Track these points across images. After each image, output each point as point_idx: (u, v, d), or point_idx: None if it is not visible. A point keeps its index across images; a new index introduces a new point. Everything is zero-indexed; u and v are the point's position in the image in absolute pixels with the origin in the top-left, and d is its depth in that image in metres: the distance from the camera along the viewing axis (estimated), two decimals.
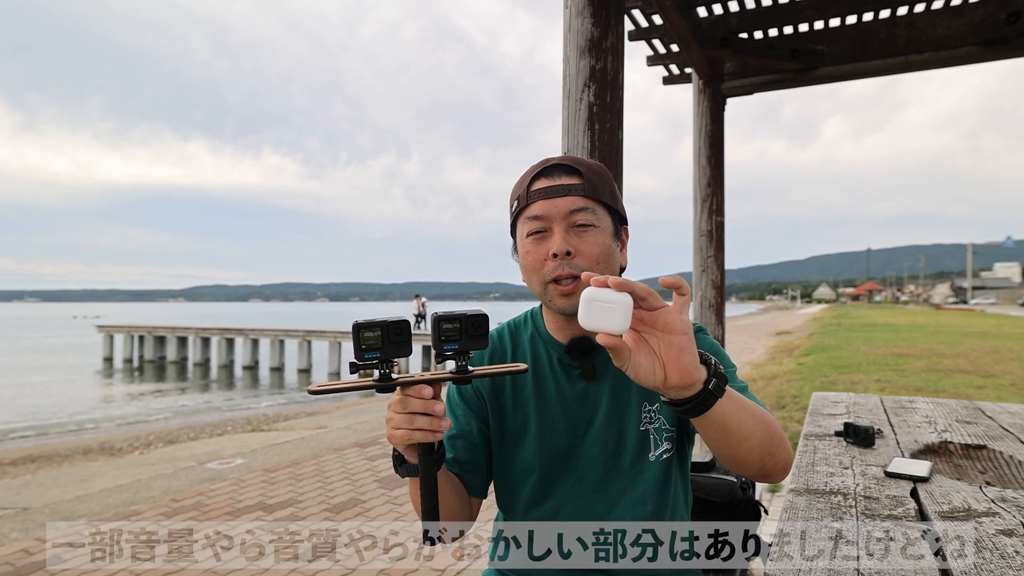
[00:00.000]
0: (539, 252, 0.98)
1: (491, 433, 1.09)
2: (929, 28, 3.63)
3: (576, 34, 2.11)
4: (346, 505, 3.71)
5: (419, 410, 0.79)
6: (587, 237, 0.96)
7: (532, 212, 0.98)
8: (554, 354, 1.07)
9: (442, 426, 0.80)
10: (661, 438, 1.04)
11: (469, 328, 0.79)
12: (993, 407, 2.21)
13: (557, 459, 1.05)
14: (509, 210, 1.06)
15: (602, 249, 0.97)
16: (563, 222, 0.96)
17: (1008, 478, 1.49)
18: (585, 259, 0.96)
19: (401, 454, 0.88)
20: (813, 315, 41.65)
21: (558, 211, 0.96)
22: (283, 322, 29.92)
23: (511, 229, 1.06)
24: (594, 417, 1.04)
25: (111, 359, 23.76)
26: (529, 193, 0.99)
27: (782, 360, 11.95)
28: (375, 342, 0.75)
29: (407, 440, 0.80)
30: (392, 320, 0.76)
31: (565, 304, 0.97)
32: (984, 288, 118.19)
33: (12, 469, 6.80)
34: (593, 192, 0.98)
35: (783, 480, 0.96)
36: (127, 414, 12.64)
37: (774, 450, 0.86)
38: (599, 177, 1.00)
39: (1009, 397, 6.86)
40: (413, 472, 0.87)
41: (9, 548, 3.11)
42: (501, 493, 1.11)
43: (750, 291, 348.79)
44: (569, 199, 0.96)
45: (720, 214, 4.28)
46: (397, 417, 0.80)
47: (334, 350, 18.87)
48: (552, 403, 1.05)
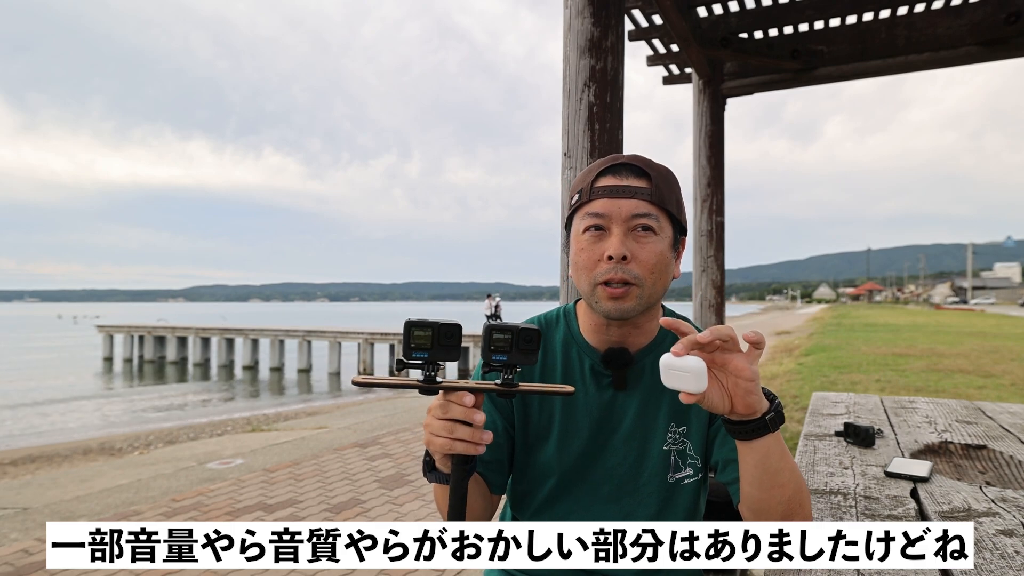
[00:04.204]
0: (594, 251, 0.94)
1: (515, 432, 1.07)
2: (929, 28, 3.63)
3: (576, 34, 2.11)
4: (346, 505, 3.71)
5: (459, 417, 0.77)
6: (646, 244, 0.93)
7: (593, 209, 0.94)
8: (587, 360, 1.04)
9: (483, 439, 0.79)
10: (684, 463, 1.02)
11: (521, 342, 0.77)
12: (993, 407, 2.21)
13: (575, 465, 1.03)
14: (568, 202, 1.01)
15: (659, 259, 0.94)
16: (624, 225, 0.93)
17: (1008, 478, 1.49)
18: (640, 266, 0.93)
19: (432, 460, 0.87)
20: (813, 315, 41.63)
21: (620, 213, 0.92)
22: (283, 322, 29.91)
23: (566, 222, 1.02)
24: (617, 428, 1.02)
25: (111, 359, 23.76)
26: (593, 189, 0.95)
27: (782, 360, 11.94)
28: (425, 342, 0.74)
29: (447, 449, 0.78)
30: (445, 323, 0.74)
31: (611, 307, 0.94)
32: (984, 288, 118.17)
33: (12, 469, 6.80)
34: (660, 199, 0.94)
35: None
36: (127, 414, 12.64)
37: (799, 518, 0.87)
38: (667, 183, 0.96)
39: (1009, 397, 6.86)
40: (443, 480, 0.86)
41: (9, 548, 3.11)
42: (515, 492, 1.10)
43: (750, 291, 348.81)
44: (634, 202, 0.93)
45: (720, 214, 4.28)
46: (436, 423, 0.79)
47: (334, 350, 18.86)
48: (578, 409, 1.03)
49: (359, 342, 18.70)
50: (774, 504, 0.85)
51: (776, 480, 0.83)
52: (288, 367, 20.06)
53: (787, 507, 0.86)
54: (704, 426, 1.04)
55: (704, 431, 1.04)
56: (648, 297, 0.94)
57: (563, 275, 2.15)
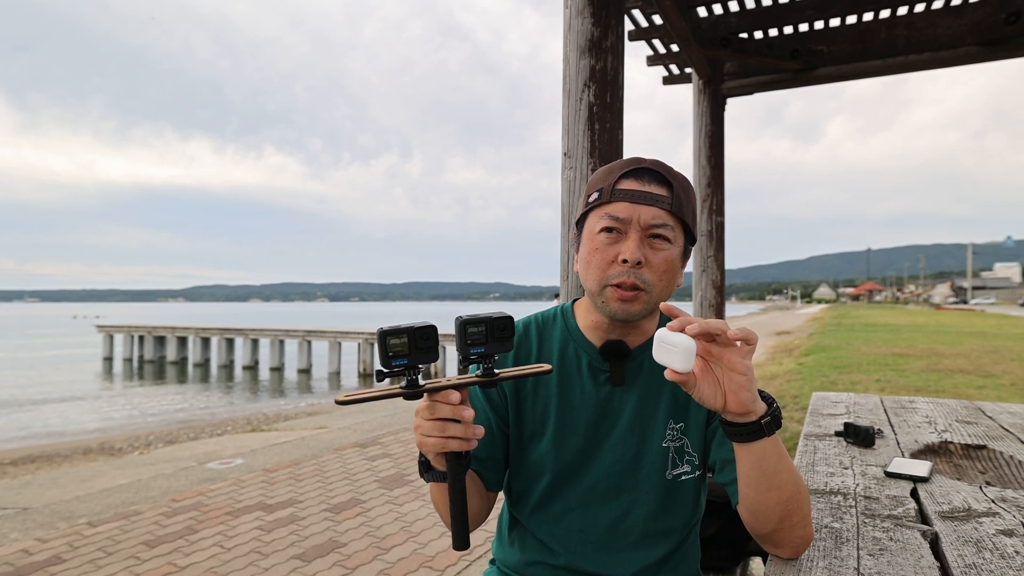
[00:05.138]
0: (609, 252, 0.95)
1: (509, 429, 1.07)
2: (929, 28, 3.63)
3: (576, 34, 2.11)
4: (346, 505, 3.71)
5: (448, 416, 0.79)
6: (660, 252, 0.95)
7: (614, 211, 0.95)
8: (584, 356, 1.05)
9: (475, 433, 0.80)
10: (682, 459, 1.03)
11: (495, 331, 0.79)
12: (993, 407, 2.21)
13: (572, 462, 1.03)
14: (584, 199, 1.02)
15: (669, 267, 0.96)
16: (641, 231, 0.94)
17: (1008, 478, 1.49)
18: (652, 273, 0.95)
19: (427, 460, 0.89)
20: (813, 315, 41.64)
21: (640, 219, 0.94)
22: (283, 322, 29.90)
23: (579, 218, 1.03)
24: (615, 424, 1.03)
25: (111, 359, 23.77)
26: (614, 190, 0.96)
27: (782, 360, 11.95)
28: (402, 349, 0.75)
29: (441, 448, 0.80)
30: (418, 326, 0.75)
31: (618, 309, 0.96)
32: (984, 288, 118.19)
33: (12, 469, 6.80)
34: (679, 209, 0.96)
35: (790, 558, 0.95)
36: (127, 414, 12.63)
37: (795, 521, 0.88)
38: (686, 194, 0.98)
39: (1009, 397, 6.86)
40: (440, 478, 0.88)
41: (9, 548, 3.11)
42: (512, 489, 1.10)
43: (750, 291, 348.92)
44: (654, 210, 0.94)
45: (720, 214, 4.28)
46: (426, 424, 0.80)
47: (334, 350, 18.86)
48: (575, 405, 1.03)
49: (359, 342, 18.70)
50: (772, 505, 0.87)
51: (773, 482, 0.85)
52: (288, 367, 20.07)
53: (785, 508, 0.87)
54: (702, 424, 1.04)
55: (702, 429, 1.04)
56: (654, 302, 0.97)
57: (563, 275, 2.15)
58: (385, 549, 3.04)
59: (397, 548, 3.05)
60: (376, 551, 3.02)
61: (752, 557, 1.61)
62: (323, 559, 2.92)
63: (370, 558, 2.93)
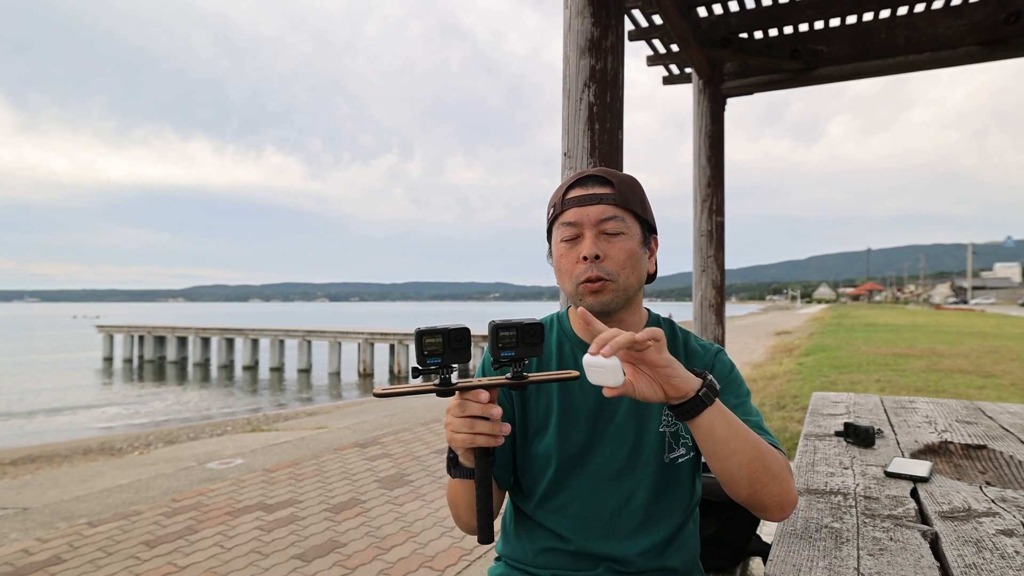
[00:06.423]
0: (571, 255, 1.05)
1: (514, 426, 1.12)
2: (929, 28, 3.63)
3: (576, 34, 2.11)
4: (346, 505, 3.71)
5: (477, 414, 0.84)
6: (616, 243, 1.03)
7: (566, 218, 1.05)
8: (579, 353, 1.11)
9: (503, 431, 0.86)
10: (677, 443, 1.08)
11: (525, 336, 0.85)
12: (993, 407, 2.21)
13: (575, 453, 1.08)
14: (547, 217, 1.13)
15: (628, 255, 1.04)
16: (594, 228, 1.03)
17: (1008, 478, 1.49)
18: (613, 263, 1.03)
19: (455, 456, 0.95)
20: (813, 315, 41.64)
21: (589, 218, 1.03)
22: (283, 322, 29.89)
23: (547, 234, 1.13)
24: (614, 414, 1.08)
25: (111, 359, 23.76)
26: (564, 201, 1.06)
27: (782, 360, 11.95)
28: (436, 348, 0.80)
29: (469, 444, 0.86)
30: (453, 327, 0.80)
31: (593, 301, 1.03)
32: (984, 288, 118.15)
33: (12, 469, 6.80)
34: (623, 201, 1.04)
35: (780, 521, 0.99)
36: (126, 414, 12.63)
37: (766, 480, 0.91)
38: (630, 188, 1.06)
39: (1009, 397, 6.86)
40: (467, 474, 0.94)
41: (9, 548, 3.11)
42: (517, 484, 1.14)
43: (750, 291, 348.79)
44: (600, 207, 1.03)
45: (720, 214, 4.28)
46: (456, 421, 0.86)
47: (334, 350, 18.86)
48: (574, 398, 1.09)
49: (359, 342, 18.69)
50: (735, 470, 0.90)
51: (728, 448, 0.89)
52: (288, 367, 20.06)
53: (749, 470, 0.90)
54: None
55: None
56: (624, 290, 1.04)
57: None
58: (385, 549, 3.04)
59: (397, 548, 3.05)
60: (376, 551, 3.02)
61: (752, 557, 1.61)
62: (323, 559, 2.92)
63: (370, 558, 2.93)
